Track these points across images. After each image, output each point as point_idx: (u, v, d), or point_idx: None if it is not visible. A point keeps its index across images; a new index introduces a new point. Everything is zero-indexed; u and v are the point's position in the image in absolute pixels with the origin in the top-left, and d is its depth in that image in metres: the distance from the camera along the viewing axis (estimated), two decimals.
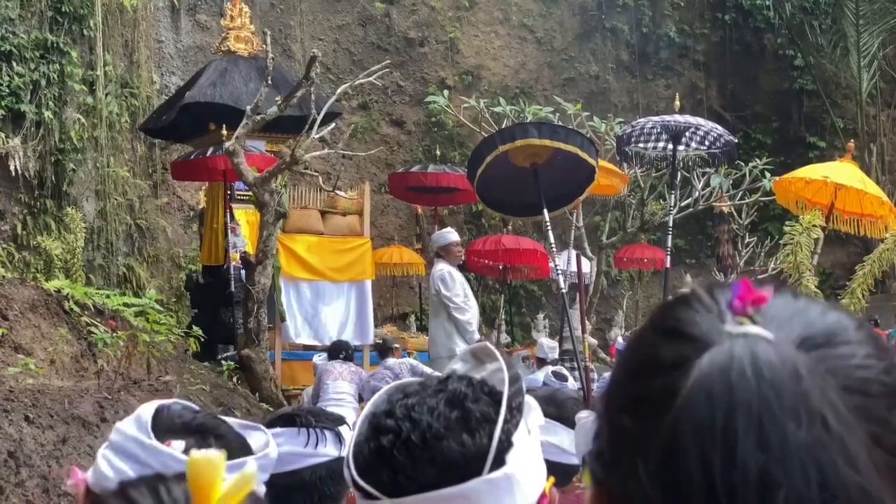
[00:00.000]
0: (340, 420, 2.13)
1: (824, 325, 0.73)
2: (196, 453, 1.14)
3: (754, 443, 0.66)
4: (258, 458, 1.41)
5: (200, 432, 1.40)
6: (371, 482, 1.13)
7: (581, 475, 2.38)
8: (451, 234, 10.83)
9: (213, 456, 1.12)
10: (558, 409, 2.46)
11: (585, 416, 2.21)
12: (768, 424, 0.66)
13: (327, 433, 2.04)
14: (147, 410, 1.41)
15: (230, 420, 1.50)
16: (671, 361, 0.71)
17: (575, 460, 2.29)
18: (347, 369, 9.23)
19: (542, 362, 9.94)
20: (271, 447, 1.47)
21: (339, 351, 9.54)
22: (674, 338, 0.73)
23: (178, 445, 1.35)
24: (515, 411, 1.17)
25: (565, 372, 8.50)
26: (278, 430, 2.03)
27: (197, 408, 1.49)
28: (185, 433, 1.39)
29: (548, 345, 10.60)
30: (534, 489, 1.17)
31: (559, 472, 2.22)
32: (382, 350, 9.68)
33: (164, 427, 1.39)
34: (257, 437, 1.48)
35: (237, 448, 1.39)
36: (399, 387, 1.22)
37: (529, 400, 1.23)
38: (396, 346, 9.72)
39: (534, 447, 1.20)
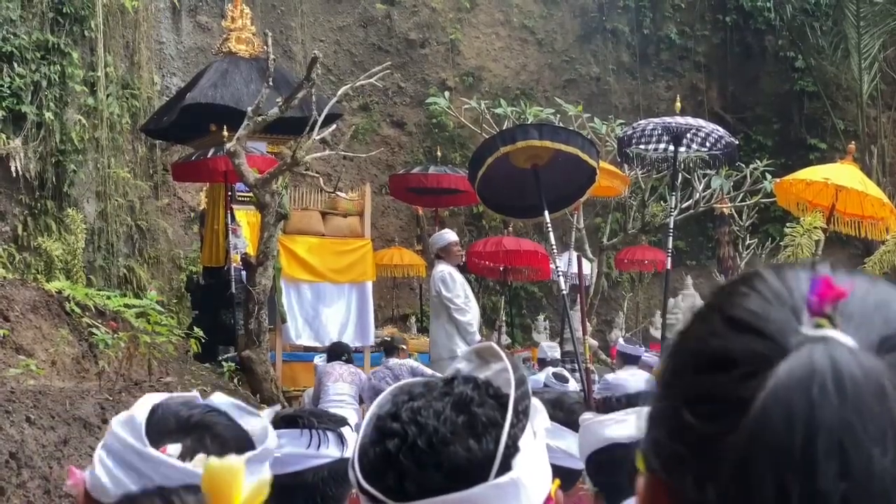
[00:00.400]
0: (342, 421, 2.13)
1: None
2: (214, 461, 1.13)
3: (836, 470, 0.61)
4: (259, 453, 1.39)
5: (197, 430, 1.38)
6: (376, 486, 1.12)
7: (585, 478, 2.38)
8: (449, 235, 10.83)
9: (233, 463, 1.12)
10: (566, 415, 2.47)
11: (588, 419, 2.21)
12: (851, 450, 0.61)
13: (329, 434, 2.04)
14: (142, 411, 1.37)
15: (227, 403, 1.45)
16: (743, 362, 0.66)
17: (580, 465, 2.29)
18: (347, 371, 9.23)
19: (543, 363, 9.95)
20: (270, 436, 1.45)
21: (339, 353, 9.53)
22: (744, 332, 0.68)
23: (174, 449, 1.33)
24: (522, 415, 1.16)
25: (566, 373, 8.49)
26: (280, 430, 2.03)
27: (198, 399, 1.46)
28: (181, 433, 1.36)
29: (547, 345, 10.62)
30: (539, 493, 1.17)
31: (564, 476, 2.22)
32: (388, 348, 9.68)
33: (158, 428, 1.36)
34: (254, 423, 1.46)
35: (235, 446, 1.37)
36: (404, 388, 1.21)
37: (535, 402, 1.22)
38: (403, 346, 9.68)
39: (540, 451, 1.20)
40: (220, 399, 1.47)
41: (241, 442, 1.40)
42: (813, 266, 0.73)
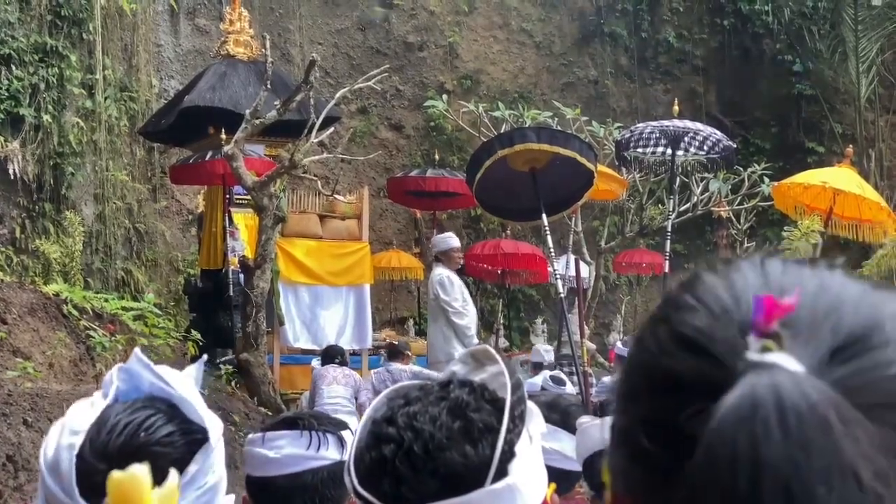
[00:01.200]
0: (343, 424, 2.13)
1: (856, 323, 0.64)
2: (117, 473, 1.08)
3: None
4: (190, 475, 1.28)
5: (130, 459, 1.20)
6: (372, 491, 1.12)
7: (582, 480, 2.39)
8: (452, 240, 10.80)
9: (136, 473, 1.08)
10: (562, 417, 2.47)
11: (587, 422, 2.21)
12: (797, 490, 0.58)
13: (329, 437, 2.04)
14: (66, 451, 1.24)
15: (185, 400, 1.34)
16: (691, 387, 0.63)
17: (576, 466, 2.29)
18: (342, 373, 9.22)
19: (537, 367, 9.92)
20: (215, 424, 1.34)
21: (332, 356, 9.52)
22: (691, 352, 0.65)
23: None
24: (518, 420, 1.16)
25: (563, 376, 8.50)
26: (281, 432, 2.04)
27: (145, 391, 1.33)
28: (113, 463, 1.21)
29: (543, 349, 10.61)
30: (535, 498, 1.17)
31: (561, 477, 2.23)
32: (393, 352, 9.68)
33: (87, 467, 1.23)
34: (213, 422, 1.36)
35: (170, 468, 1.23)
36: (400, 392, 1.21)
37: (531, 406, 1.22)
38: (408, 353, 9.66)
39: (535, 455, 1.20)
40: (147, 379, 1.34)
41: (184, 458, 1.29)
42: (762, 264, 0.69)
